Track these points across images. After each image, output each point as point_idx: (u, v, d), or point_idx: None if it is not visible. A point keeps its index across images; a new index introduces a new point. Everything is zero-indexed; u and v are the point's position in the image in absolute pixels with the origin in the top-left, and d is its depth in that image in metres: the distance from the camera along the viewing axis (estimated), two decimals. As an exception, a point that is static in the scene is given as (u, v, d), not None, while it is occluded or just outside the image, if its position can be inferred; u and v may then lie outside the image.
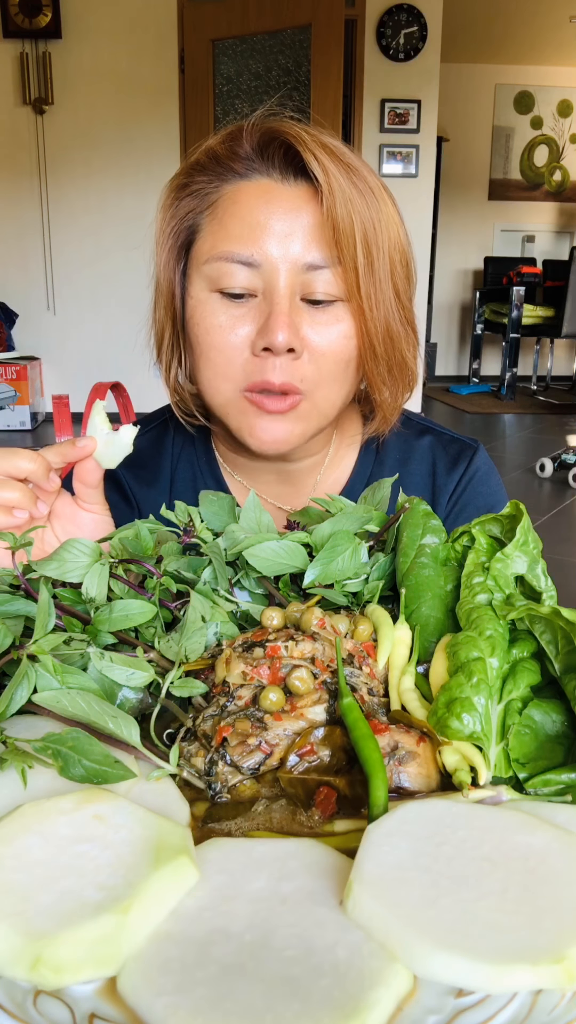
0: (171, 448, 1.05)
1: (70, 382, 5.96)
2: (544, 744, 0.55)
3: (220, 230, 0.84)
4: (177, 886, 0.41)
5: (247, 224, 0.82)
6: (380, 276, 0.84)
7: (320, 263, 0.82)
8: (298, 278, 0.82)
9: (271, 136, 0.83)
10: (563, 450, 4.74)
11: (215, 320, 0.84)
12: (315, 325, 0.84)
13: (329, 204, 0.79)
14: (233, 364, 0.84)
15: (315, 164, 0.79)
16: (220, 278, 0.83)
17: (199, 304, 0.86)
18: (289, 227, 0.81)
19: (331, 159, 0.80)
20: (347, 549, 0.71)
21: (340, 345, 0.85)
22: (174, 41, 5.65)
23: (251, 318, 0.83)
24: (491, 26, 7.28)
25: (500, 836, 0.44)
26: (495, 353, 8.37)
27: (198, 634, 0.61)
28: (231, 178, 0.85)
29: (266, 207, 0.82)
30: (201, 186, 0.86)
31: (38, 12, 5.50)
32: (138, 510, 1.04)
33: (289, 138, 0.81)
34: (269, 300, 0.82)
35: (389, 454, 1.04)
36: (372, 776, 0.49)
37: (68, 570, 0.63)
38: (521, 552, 0.64)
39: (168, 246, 0.88)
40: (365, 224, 0.81)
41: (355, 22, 5.65)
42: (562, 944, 0.37)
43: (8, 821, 0.45)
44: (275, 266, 0.82)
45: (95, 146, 5.81)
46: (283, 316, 0.81)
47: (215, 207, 0.85)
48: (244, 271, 0.82)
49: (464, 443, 1.07)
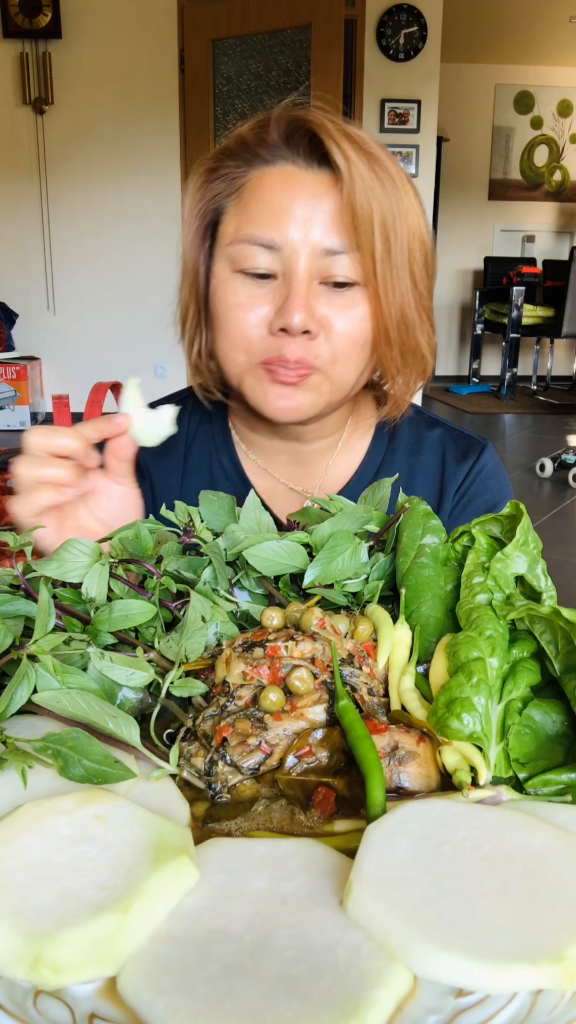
0: (187, 424, 1.08)
1: (70, 382, 5.96)
2: (544, 744, 0.55)
3: (244, 213, 0.87)
4: (177, 886, 0.41)
5: (270, 208, 0.85)
6: (397, 263, 0.87)
7: (339, 248, 0.85)
8: (317, 262, 0.85)
9: (297, 124, 0.86)
10: (563, 450, 4.74)
11: (236, 298, 0.88)
12: (332, 307, 0.87)
13: (349, 191, 0.82)
14: (250, 339, 0.88)
15: (337, 152, 0.82)
16: (243, 259, 0.86)
17: (221, 283, 0.89)
18: (310, 212, 0.85)
19: (353, 148, 0.83)
20: (347, 549, 0.71)
21: (355, 327, 0.88)
22: (174, 41, 5.65)
23: (270, 298, 0.87)
24: (491, 26, 7.28)
25: (500, 836, 0.44)
26: (495, 353, 8.37)
27: (198, 634, 0.61)
28: (257, 163, 0.88)
29: (289, 192, 0.85)
30: (229, 170, 0.90)
31: (38, 12, 5.51)
32: (150, 482, 1.06)
33: (314, 127, 0.84)
34: (288, 282, 0.85)
35: (401, 442, 1.08)
36: (369, 776, 0.49)
37: (68, 570, 0.63)
38: (521, 552, 0.64)
39: (195, 227, 0.92)
40: (384, 212, 0.84)
41: (355, 22, 5.65)
42: (562, 944, 0.37)
43: (8, 821, 0.45)
44: (295, 250, 0.85)
45: (95, 146, 5.81)
46: (300, 298, 0.84)
47: (241, 191, 0.88)
48: (266, 254, 0.86)
49: (473, 439, 1.10)
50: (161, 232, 6.00)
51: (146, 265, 6.06)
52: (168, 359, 6.25)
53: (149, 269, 6.06)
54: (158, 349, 6.21)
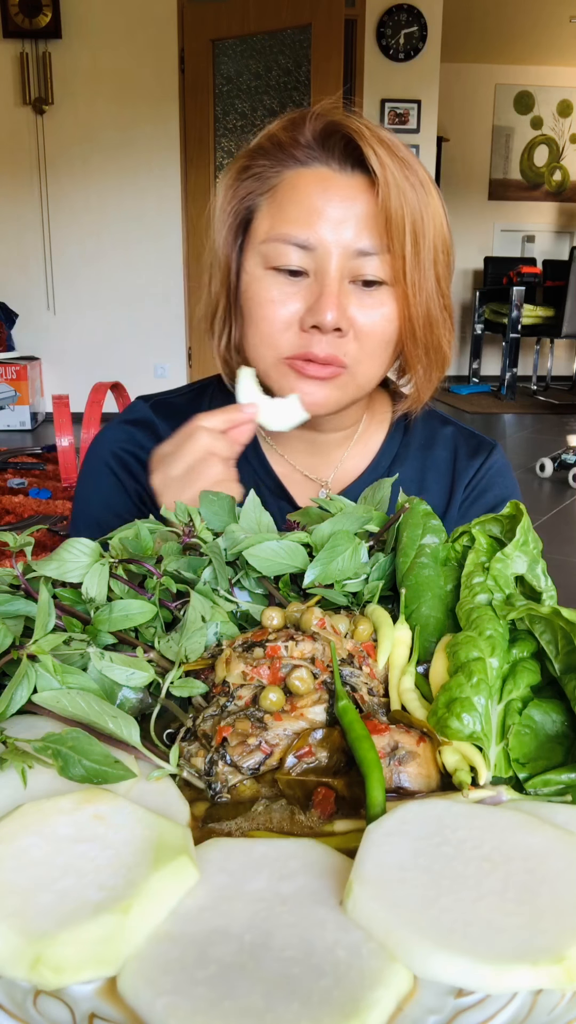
0: (208, 406, 1.09)
1: (70, 382, 5.96)
2: (544, 744, 0.55)
3: (279, 213, 0.90)
4: (177, 886, 0.41)
5: (304, 209, 0.88)
6: (425, 264, 0.90)
7: (370, 250, 0.88)
8: (349, 262, 0.88)
9: (333, 128, 0.89)
10: (563, 450, 4.74)
11: (268, 295, 0.90)
12: (361, 306, 0.90)
13: (384, 195, 0.86)
14: (280, 335, 0.91)
15: (373, 158, 0.85)
16: (276, 257, 0.89)
17: (254, 279, 0.92)
18: (344, 214, 0.87)
19: (388, 153, 0.86)
20: (347, 549, 0.71)
21: (383, 326, 0.92)
22: (174, 41, 5.65)
23: (302, 296, 0.90)
24: (491, 26, 7.28)
25: (500, 836, 0.44)
26: (495, 353, 8.37)
27: (198, 634, 0.61)
28: (291, 164, 0.90)
29: (324, 194, 0.88)
30: (262, 170, 0.92)
31: (38, 12, 5.50)
32: None
33: (351, 131, 0.87)
34: (320, 281, 0.88)
35: (415, 437, 1.11)
36: (368, 776, 0.49)
37: (68, 570, 0.63)
38: (521, 552, 0.64)
39: (228, 224, 0.94)
40: (414, 215, 0.88)
41: (355, 22, 5.65)
42: (562, 944, 0.37)
43: (8, 821, 0.45)
44: (328, 250, 0.88)
45: (95, 146, 5.81)
46: (333, 297, 0.87)
47: (275, 191, 0.91)
48: (299, 252, 0.88)
49: (484, 438, 1.14)
50: (161, 232, 6.01)
51: (146, 265, 6.06)
52: (168, 359, 6.25)
53: (149, 269, 6.06)
54: (158, 349, 6.22)
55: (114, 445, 1.06)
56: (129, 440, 1.05)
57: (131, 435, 1.06)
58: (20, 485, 3.78)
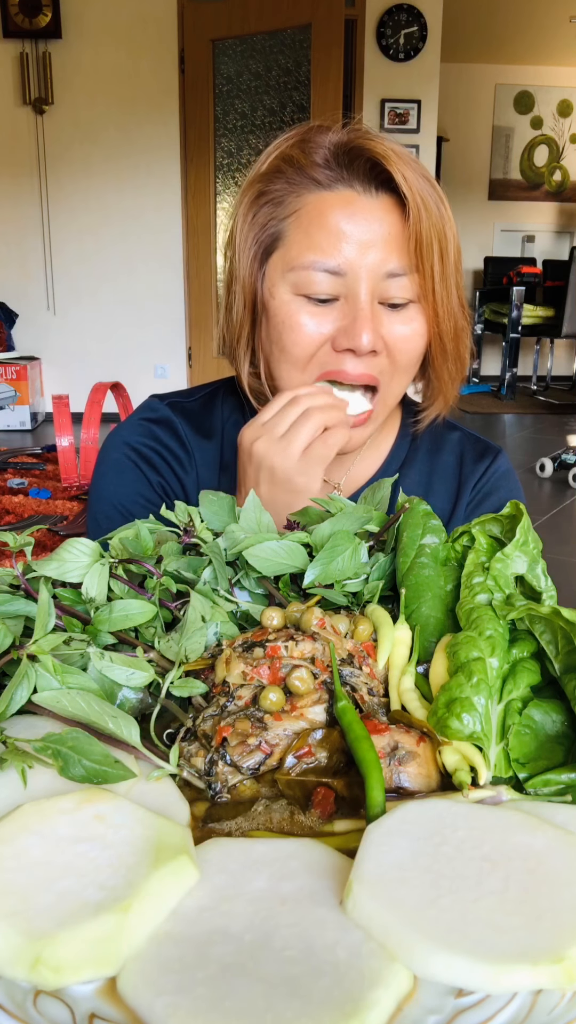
0: (220, 410, 1.11)
1: (70, 382, 5.96)
2: (544, 744, 0.55)
3: (305, 239, 0.90)
4: (177, 886, 0.41)
5: (333, 235, 0.88)
6: (450, 280, 0.92)
7: (399, 271, 0.89)
8: (379, 284, 0.90)
9: (358, 151, 0.89)
10: (563, 450, 4.74)
11: (299, 319, 0.91)
12: (392, 325, 0.92)
13: (415, 218, 0.87)
14: (312, 359, 0.92)
15: (403, 182, 0.86)
16: (307, 284, 0.90)
17: (283, 305, 0.92)
18: (372, 237, 0.88)
19: (414, 175, 0.87)
20: (347, 549, 0.71)
21: (414, 343, 0.94)
22: (174, 41, 5.65)
23: (332, 319, 0.91)
24: (491, 26, 7.28)
25: (500, 836, 0.44)
26: (495, 353, 8.36)
27: (198, 634, 0.61)
28: (312, 187, 0.90)
29: (351, 219, 0.88)
30: (280, 194, 0.92)
31: (38, 12, 5.50)
32: (193, 457, 1.08)
33: (377, 156, 0.87)
34: (353, 305, 0.89)
35: (423, 442, 1.13)
36: (368, 777, 0.49)
37: (68, 570, 0.63)
38: (521, 552, 0.64)
39: (252, 253, 0.94)
40: (439, 233, 0.89)
41: (355, 22, 5.65)
42: (562, 944, 0.37)
43: (8, 821, 0.45)
44: (358, 274, 0.88)
45: (95, 146, 5.81)
46: (367, 321, 0.88)
47: (299, 215, 0.91)
48: (329, 279, 0.89)
49: (489, 443, 1.16)
50: (161, 232, 6.01)
51: (146, 265, 6.06)
52: (168, 359, 6.25)
53: (149, 269, 6.06)
54: (158, 349, 6.21)
55: (135, 440, 1.06)
56: (150, 435, 1.06)
57: (151, 431, 1.06)
58: (20, 485, 3.78)
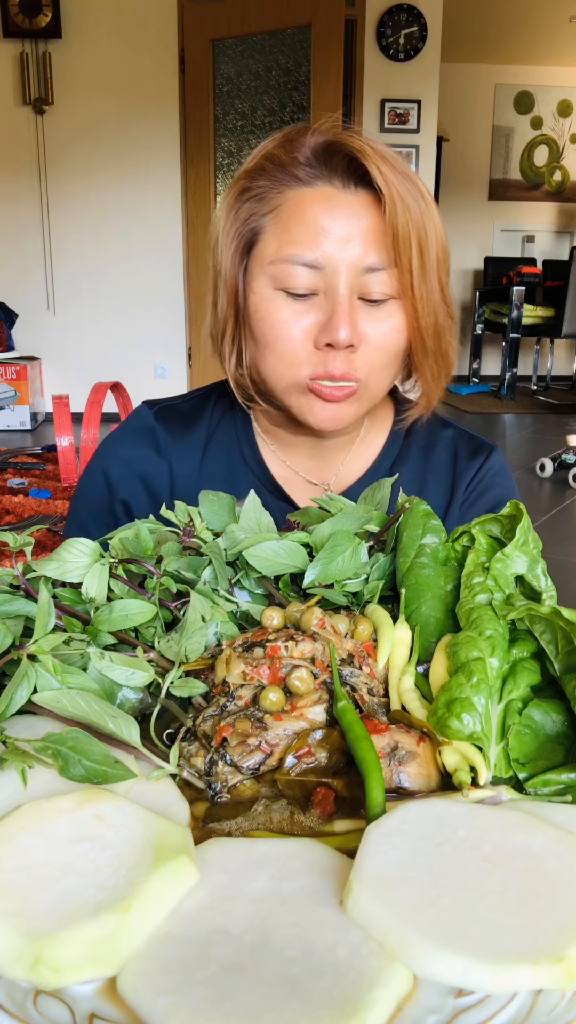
0: (210, 414, 1.12)
1: (70, 382, 5.96)
2: (544, 744, 0.55)
3: (285, 234, 0.91)
4: (177, 886, 0.41)
5: (311, 229, 0.89)
6: (430, 275, 0.92)
7: (378, 266, 0.90)
8: (357, 279, 0.90)
9: (336, 147, 0.90)
10: (563, 450, 4.73)
11: (280, 315, 0.92)
12: (371, 321, 0.92)
13: (391, 212, 0.87)
14: (298, 355, 0.92)
15: (378, 175, 0.87)
16: (285, 278, 0.90)
17: (263, 300, 0.93)
18: (350, 232, 0.89)
19: (391, 170, 0.88)
20: (347, 549, 0.71)
21: (392, 339, 0.94)
22: (174, 41, 5.65)
23: (312, 314, 0.91)
24: (491, 26, 7.27)
25: (500, 836, 0.44)
26: (495, 353, 8.36)
27: (198, 634, 0.61)
28: (293, 184, 0.91)
29: (329, 213, 0.89)
30: (262, 190, 0.93)
31: (38, 12, 5.50)
32: (168, 463, 1.09)
33: (353, 150, 0.88)
34: (331, 299, 0.90)
35: (415, 440, 1.13)
36: (368, 777, 0.49)
37: (68, 570, 0.63)
38: (521, 552, 0.64)
39: (233, 247, 0.95)
40: (419, 229, 0.89)
41: (355, 22, 5.65)
42: (562, 944, 0.37)
43: (8, 821, 0.45)
44: (336, 268, 0.89)
45: (95, 146, 5.81)
46: (345, 315, 0.89)
47: (279, 211, 0.92)
48: (308, 272, 0.90)
49: (483, 441, 1.15)
50: (161, 232, 6.00)
51: (146, 265, 6.06)
52: (168, 359, 6.25)
53: (149, 269, 6.06)
54: (158, 349, 6.21)
55: (113, 460, 1.08)
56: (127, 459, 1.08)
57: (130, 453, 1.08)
58: (20, 485, 3.78)
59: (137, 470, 1.07)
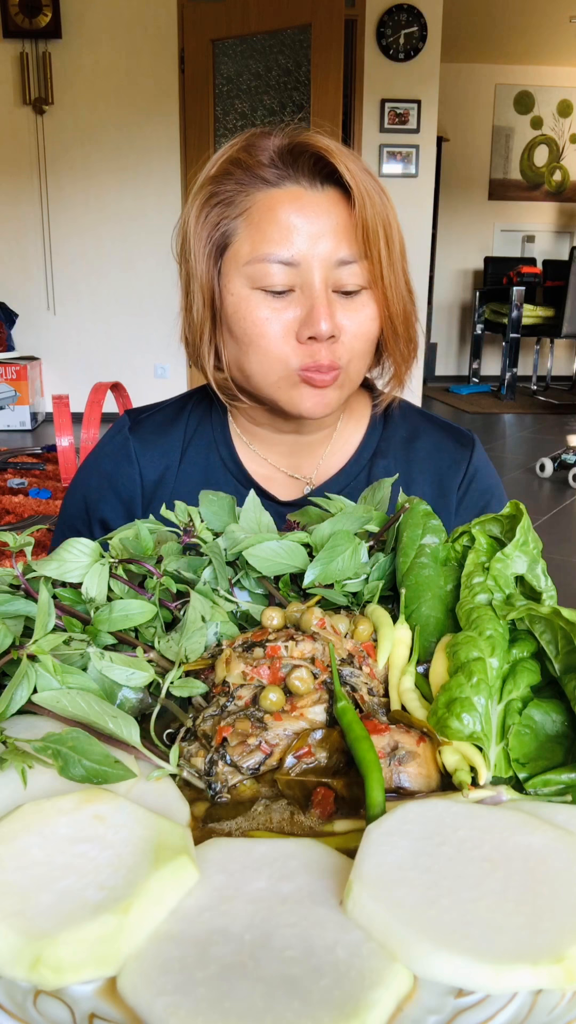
0: (187, 423, 1.14)
1: (70, 382, 5.96)
2: (544, 744, 0.55)
3: (258, 234, 0.94)
4: (177, 886, 0.41)
5: (284, 228, 0.93)
6: (396, 264, 0.96)
7: (349, 258, 0.94)
8: (331, 273, 0.94)
9: (302, 147, 0.93)
10: (563, 450, 4.73)
11: (260, 314, 0.95)
12: (347, 312, 0.96)
13: (360, 206, 0.91)
14: (283, 350, 0.95)
15: (347, 173, 0.91)
16: (262, 277, 0.93)
17: (242, 300, 0.96)
18: (321, 229, 0.93)
19: (357, 167, 0.92)
20: (347, 549, 0.71)
21: (367, 327, 0.98)
22: (174, 41, 5.64)
23: (291, 310, 0.94)
24: (491, 26, 7.27)
25: (500, 836, 0.44)
26: (495, 353, 8.36)
27: (198, 634, 0.61)
28: (261, 186, 0.95)
29: (300, 212, 0.93)
30: (230, 194, 0.96)
31: (38, 12, 5.50)
32: (139, 471, 1.11)
33: (320, 150, 0.92)
34: (308, 295, 0.93)
35: (396, 431, 1.16)
36: (368, 777, 0.49)
37: (68, 570, 0.63)
38: (521, 552, 0.64)
39: (206, 252, 0.98)
40: (384, 221, 0.93)
41: (355, 22, 5.64)
42: (562, 944, 0.37)
43: (8, 821, 0.45)
44: (311, 264, 0.93)
45: (95, 146, 5.80)
46: (324, 308, 0.92)
47: (250, 213, 0.95)
48: (284, 270, 0.93)
49: (462, 431, 1.19)
50: (161, 232, 6.00)
51: (146, 265, 6.06)
52: (168, 359, 6.25)
53: (149, 269, 6.06)
54: (158, 349, 6.21)
55: (91, 479, 1.12)
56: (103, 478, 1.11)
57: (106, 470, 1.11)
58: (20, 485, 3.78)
59: (112, 486, 1.10)
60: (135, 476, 1.10)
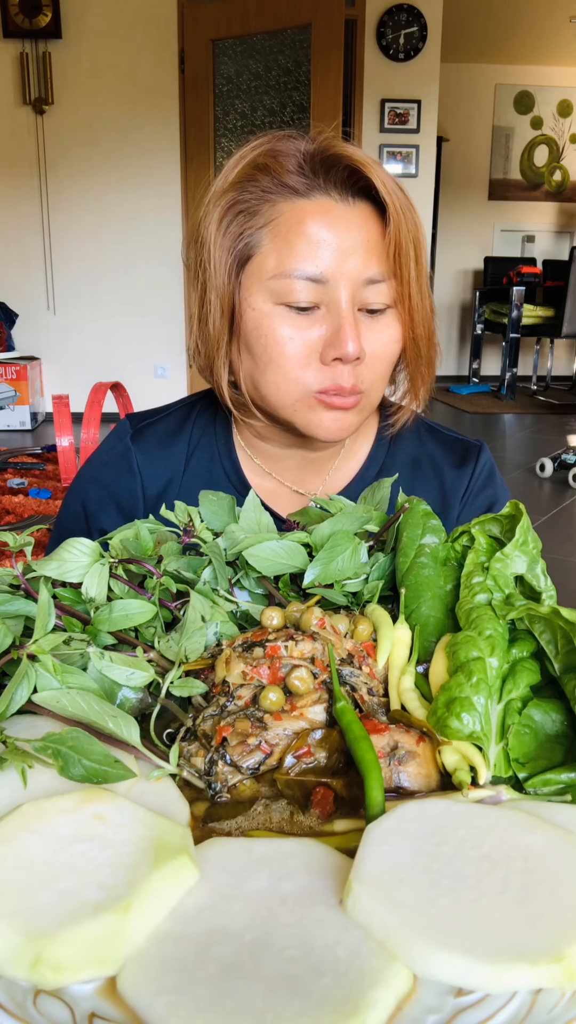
0: (191, 429, 1.11)
1: (70, 382, 5.96)
2: (544, 744, 0.55)
3: (284, 247, 0.89)
4: (177, 886, 0.42)
5: (313, 243, 0.88)
6: (424, 285, 0.93)
7: (378, 277, 0.89)
8: (359, 292, 0.89)
9: (335, 159, 0.89)
10: (563, 450, 4.73)
11: (282, 332, 0.90)
12: (371, 332, 0.92)
13: (396, 224, 0.88)
14: (303, 371, 0.91)
15: (382, 188, 0.87)
16: (287, 293, 0.89)
17: (264, 316, 0.91)
18: (351, 245, 0.88)
19: (390, 181, 0.88)
20: (347, 549, 0.71)
21: (391, 349, 0.94)
22: (174, 41, 5.64)
23: (315, 328, 0.90)
24: (491, 26, 7.27)
25: (500, 836, 0.44)
26: (495, 353, 8.36)
27: (198, 634, 0.61)
28: (288, 195, 0.89)
29: (330, 226, 0.88)
30: (252, 204, 0.91)
31: (38, 12, 5.50)
32: (141, 483, 1.08)
33: (356, 163, 0.87)
34: (335, 313, 0.89)
35: (402, 446, 1.12)
36: (367, 777, 0.49)
37: (68, 570, 0.63)
38: (521, 552, 0.64)
39: (227, 263, 0.92)
40: (415, 239, 0.90)
41: (355, 22, 5.64)
42: (561, 943, 0.37)
43: (8, 821, 0.45)
44: (339, 281, 0.88)
45: (95, 146, 5.81)
46: (351, 329, 0.88)
47: (276, 224, 0.89)
48: (310, 286, 0.88)
49: (469, 442, 1.15)
50: (161, 232, 6.00)
51: (146, 265, 6.05)
52: (168, 359, 6.25)
53: (149, 269, 6.06)
54: (158, 349, 6.21)
55: (90, 488, 1.09)
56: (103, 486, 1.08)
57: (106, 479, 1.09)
58: (20, 485, 3.78)
59: (113, 497, 1.07)
60: (137, 490, 1.07)
